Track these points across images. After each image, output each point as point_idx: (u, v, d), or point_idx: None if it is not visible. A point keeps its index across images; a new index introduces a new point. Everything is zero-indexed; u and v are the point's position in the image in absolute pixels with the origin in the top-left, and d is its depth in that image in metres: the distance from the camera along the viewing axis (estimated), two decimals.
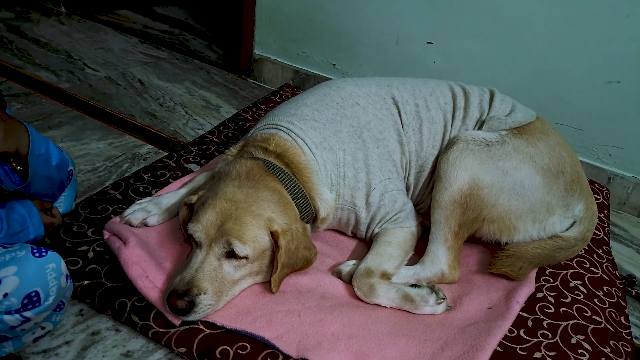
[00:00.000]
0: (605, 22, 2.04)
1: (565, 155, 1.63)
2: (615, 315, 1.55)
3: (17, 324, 1.02)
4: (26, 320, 1.03)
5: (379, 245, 1.55)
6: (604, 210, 2.06)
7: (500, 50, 2.28)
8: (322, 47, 2.70)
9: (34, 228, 1.24)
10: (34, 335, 1.14)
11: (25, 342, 1.14)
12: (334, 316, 1.36)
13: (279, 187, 1.42)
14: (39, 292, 1.03)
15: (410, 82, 1.73)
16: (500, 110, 1.68)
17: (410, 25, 2.42)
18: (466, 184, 1.52)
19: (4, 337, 1.06)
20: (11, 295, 1.00)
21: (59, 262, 1.07)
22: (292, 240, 1.37)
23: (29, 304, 1.02)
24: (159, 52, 3.09)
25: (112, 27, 3.32)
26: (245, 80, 2.93)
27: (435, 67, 2.44)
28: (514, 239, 1.59)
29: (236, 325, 1.31)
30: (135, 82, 2.70)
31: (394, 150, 1.60)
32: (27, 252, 1.04)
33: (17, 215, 1.21)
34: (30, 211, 1.24)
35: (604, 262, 1.77)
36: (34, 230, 1.24)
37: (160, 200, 1.63)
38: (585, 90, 2.17)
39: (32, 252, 1.04)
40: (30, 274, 1.02)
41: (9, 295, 0.99)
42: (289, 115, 1.56)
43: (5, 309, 1.00)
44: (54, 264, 1.06)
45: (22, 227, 1.21)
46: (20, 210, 1.23)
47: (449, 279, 1.56)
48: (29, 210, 1.24)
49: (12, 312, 1.01)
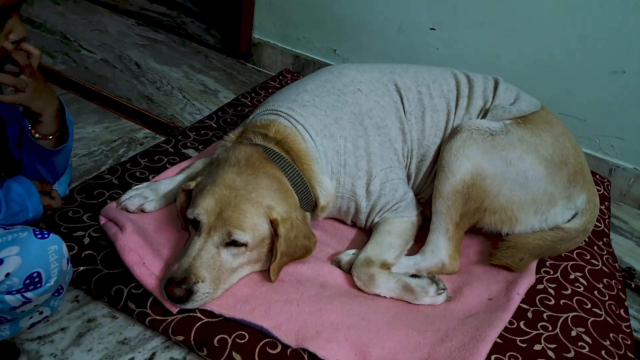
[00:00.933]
0: (611, 11, 2.00)
1: (569, 146, 1.61)
2: (615, 308, 1.54)
3: (18, 304, 1.01)
4: (27, 302, 1.02)
5: (379, 234, 1.54)
6: (605, 201, 2.05)
7: (505, 38, 2.24)
8: (323, 33, 2.65)
9: (32, 207, 1.22)
10: (32, 320, 1.13)
11: (22, 327, 1.12)
12: (333, 306, 1.35)
13: (279, 174, 1.40)
14: (40, 273, 1.02)
15: (414, 69, 1.70)
16: (505, 99, 1.66)
17: (413, 11, 2.38)
18: (469, 173, 1.50)
19: (3, 319, 1.04)
20: (13, 275, 0.98)
21: (61, 244, 1.06)
22: (292, 228, 1.35)
23: (30, 284, 1.01)
24: (156, 34, 3.03)
25: (109, 9, 3.25)
26: (244, 65, 2.88)
27: (438, 54, 2.40)
28: (516, 230, 1.57)
29: (234, 314, 1.29)
30: (132, 65, 2.65)
31: (396, 139, 1.58)
32: (29, 234, 1.03)
33: (15, 195, 1.19)
34: (29, 190, 1.22)
35: (604, 254, 1.76)
36: (32, 210, 1.22)
37: (157, 186, 1.60)
38: (589, 80, 2.14)
39: (34, 233, 1.03)
40: (32, 255, 1.01)
41: (11, 275, 0.98)
42: (289, 101, 1.52)
43: (7, 289, 0.99)
44: (55, 246, 1.05)
45: (21, 207, 1.18)
46: (19, 189, 1.20)
47: (450, 270, 1.55)
48: (27, 190, 1.22)
49: (13, 292, 1.00)
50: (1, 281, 0.98)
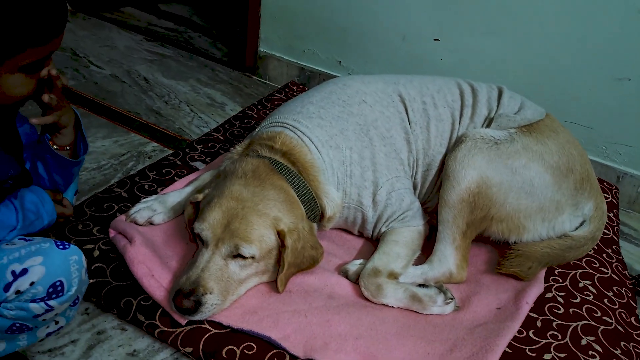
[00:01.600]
0: (615, 18, 2.01)
1: (575, 154, 1.61)
2: (626, 316, 1.53)
3: (41, 312, 1.05)
4: (49, 310, 1.06)
5: (386, 244, 1.54)
6: (613, 209, 2.03)
7: (509, 47, 2.25)
8: (327, 44, 2.68)
9: (47, 214, 1.25)
10: (48, 329, 1.16)
11: (39, 336, 1.15)
12: (341, 316, 1.35)
13: (285, 185, 1.41)
14: (63, 282, 1.06)
15: (418, 79, 1.71)
16: (509, 107, 1.66)
17: (417, 21, 2.40)
18: (474, 182, 1.51)
19: (24, 327, 1.08)
20: (37, 283, 1.02)
21: (81, 255, 1.11)
22: (299, 239, 1.36)
23: (53, 292, 1.05)
24: (163, 49, 3.08)
25: (117, 25, 3.31)
26: (250, 78, 2.91)
27: (443, 64, 2.41)
28: (523, 239, 1.57)
29: (242, 325, 1.30)
30: (141, 79, 2.69)
31: (401, 149, 1.59)
32: (51, 244, 1.07)
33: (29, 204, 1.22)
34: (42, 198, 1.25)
35: (613, 262, 1.74)
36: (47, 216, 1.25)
37: (165, 198, 1.62)
38: (595, 87, 2.14)
39: (55, 244, 1.07)
40: (55, 264, 1.05)
41: (36, 284, 1.02)
42: (294, 113, 1.54)
43: (31, 297, 1.03)
44: (76, 256, 1.09)
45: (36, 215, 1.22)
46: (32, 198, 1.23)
47: (457, 279, 1.54)
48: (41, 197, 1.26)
49: (37, 300, 1.03)
50: (26, 290, 1.02)
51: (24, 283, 1.01)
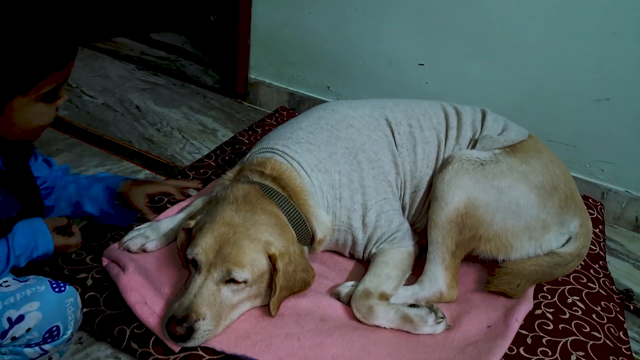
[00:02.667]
0: (594, 41, 2.08)
1: (559, 172, 1.65)
2: (614, 331, 1.55)
3: (36, 356, 1.06)
4: (44, 353, 1.07)
5: (377, 265, 1.56)
6: (599, 225, 2.07)
7: (493, 70, 2.32)
8: (316, 71, 2.74)
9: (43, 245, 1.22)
10: None
11: None
12: (333, 338, 1.36)
13: (276, 210, 1.44)
14: (59, 326, 1.07)
15: (404, 103, 1.76)
16: (493, 129, 1.71)
17: (402, 47, 2.47)
18: (462, 203, 1.54)
19: None
20: (34, 330, 1.03)
21: (76, 296, 1.12)
22: (290, 262, 1.38)
23: (49, 337, 1.06)
24: (156, 78, 3.14)
25: (110, 55, 3.37)
26: (241, 104, 2.96)
27: (428, 87, 2.48)
28: (511, 257, 1.60)
29: (236, 350, 1.30)
30: (133, 108, 2.73)
31: (389, 171, 1.62)
32: (47, 287, 1.07)
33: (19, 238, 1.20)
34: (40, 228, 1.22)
35: (600, 277, 1.77)
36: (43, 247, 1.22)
37: (158, 225, 1.64)
38: (576, 108, 2.21)
39: (51, 286, 1.07)
40: (52, 310, 1.06)
41: (32, 330, 1.03)
42: (284, 138, 1.58)
43: (26, 342, 1.04)
44: (72, 298, 1.10)
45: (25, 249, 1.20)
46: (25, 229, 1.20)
47: (448, 298, 1.56)
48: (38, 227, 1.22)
49: (32, 344, 1.04)
50: (21, 335, 1.02)
51: (20, 329, 1.02)
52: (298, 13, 2.65)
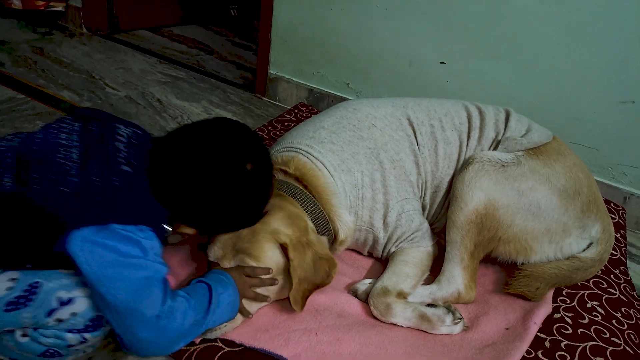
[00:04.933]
0: (618, 42, 2.05)
1: (582, 177, 1.63)
2: (634, 337, 1.54)
3: (76, 342, 1.07)
4: (84, 342, 1.08)
5: (396, 264, 1.56)
6: (621, 230, 2.05)
7: (514, 70, 2.30)
8: (336, 68, 2.74)
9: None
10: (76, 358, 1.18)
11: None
12: (350, 335, 1.37)
13: (285, 203, 1.41)
14: (102, 317, 1.08)
15: (426, 102, 1.76)
16: (516, 130, 1.70)
17: (423, 46, 2.46)
18: (482, 204, 1.54)
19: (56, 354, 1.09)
20: (79, 315, 1.05)
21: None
22: (305, 252, 1.35)
23: (90, 326, 1.07)
24: (177, 71, 3.17)
25: (132, 48, 3.41)
26: (261, 99, 2.98)
27: (449, 86, 2.46)
28: (531, 260, 1.59)
29: (254, 344, 1.32)
30: (155, 101, 2.76)
31: (411, 171, 1.62)
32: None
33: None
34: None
35: (621, 283, 1.75)
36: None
37: None
38: (599, 110, 2.18)
39: None
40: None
41: (77, 315, 1.04)
42: (307, 138, 1.59)
43: (69, 327, 1.05)
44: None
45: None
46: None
47: (465, 299, 1.56)
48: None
49: (74, 331, 1.06)
50: (66, 319, 1.03)
51: (66, 312, 1.03)
52: (319, 9, 2.65)
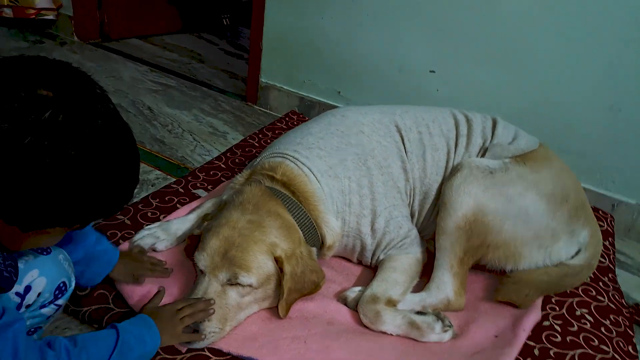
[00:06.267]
0: (606, 49, 2.08)
1: (570, 183, 1.65)
2: (623, 345, 1.54)
3: (52, 312, 1.15)
4: (59, 308, 1.16)
5: (385, 271, 1.56)
6: (609, 237, 2.06)
7: (503, 77, 2.32)
8: (327, 75, 2.75)
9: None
10: None
11: None
12: (340, 343, 1.36)
13: (282, 211, 1.44)
14: (65, 282, 1.15)
15: (414, 109, 1.77)
16: (503, 137, 1.71)
17: (413, 54, 2.48)
18: (470, 210, 1.54)
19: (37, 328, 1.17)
20: (44, 292, 1.10)
21: (63, 251, 1.18)
22: (298, 264, 1.38)
23: (59, 293, 1.14)
24: (168, 80, 3.16)
25: (123, 56, 3.41)
26: (252, 107, 2.98)
27: (439, 94, 2.48)
28: (520, 266, 1.59)
29: (242, 352, 1.31)
30: (145, 109, 2.76)
31: (398, 177, 1.63)
32: (33, 255, 1.10)
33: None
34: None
35: (610, 290, 1.76)
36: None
37: (169, 225, 1.65)
38: (587, 117, 2.20)
39: (37, 252, 1.11)
40: (52, 270, 1.11)
41: (42, 293, 1.10)
42: (294, 144, 1.59)
43: (41, 304, 1.11)
44: (61, 254, 1.16)
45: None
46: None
47: (455, 306, 1.56)
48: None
49: (46, 304, 1.12)
50: (34, 301, 1.09)
51: (32, 297, 1.08)
52: (310, 18, 2.66)
